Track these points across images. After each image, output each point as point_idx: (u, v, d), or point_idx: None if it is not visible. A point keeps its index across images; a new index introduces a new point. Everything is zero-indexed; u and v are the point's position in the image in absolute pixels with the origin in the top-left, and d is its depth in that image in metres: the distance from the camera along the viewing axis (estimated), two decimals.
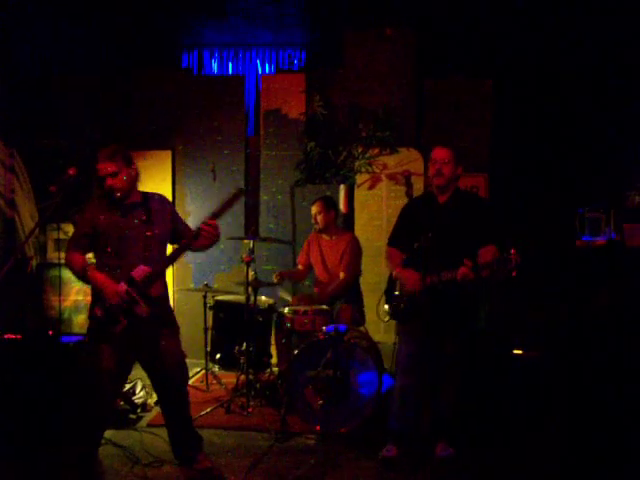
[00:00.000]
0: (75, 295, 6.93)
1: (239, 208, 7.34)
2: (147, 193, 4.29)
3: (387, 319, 4.82)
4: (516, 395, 5.04)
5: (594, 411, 4.84)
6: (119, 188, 4.08)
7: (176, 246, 4.28)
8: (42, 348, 4.78)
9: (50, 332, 5.02)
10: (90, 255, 4.24)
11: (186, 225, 4.44)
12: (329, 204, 6.13)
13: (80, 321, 6.83)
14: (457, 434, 4.57)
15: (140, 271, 4.00)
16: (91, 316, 4.09)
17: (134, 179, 4.18)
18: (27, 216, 6.75)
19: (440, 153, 4.52)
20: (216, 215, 4.07)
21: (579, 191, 6.40)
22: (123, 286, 3.96)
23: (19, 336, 4.75)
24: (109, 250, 4.09)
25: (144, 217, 4.14)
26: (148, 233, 4.11)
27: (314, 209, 6.12)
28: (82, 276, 4.13)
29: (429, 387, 4.52)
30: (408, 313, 4.48)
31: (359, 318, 5.85)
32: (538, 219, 6.52)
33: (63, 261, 4.21)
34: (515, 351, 5.22)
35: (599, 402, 4.88)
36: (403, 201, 4.74)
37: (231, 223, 7.27)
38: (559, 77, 6.71)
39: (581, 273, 5.78)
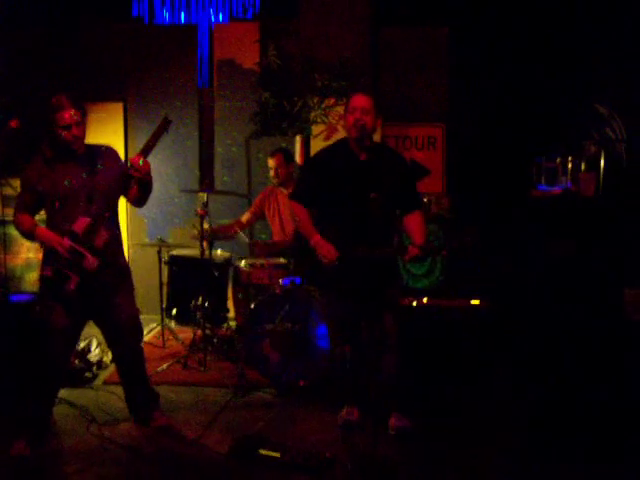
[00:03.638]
0: (26, 252, 6.77)
1: (193, 160, 7.23)
2: (92, 145, 4.14)
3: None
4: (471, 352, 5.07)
5: (547, 364, 4.91)
6: (81, 137, 3.97)
7: None
8: None
9: None
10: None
11: None
12: (288, 157, 6.05)
13: (32, 279, 6.68)
14: (409, 402, 4.43)
15: (81, 223, 3.89)
16: (41, 276, 3.97)
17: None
18: None
19: (360, 100, 4.10)
20: (145, 151, 3.96)
21: (536, 140, 6.38)
22: (67, 241, 3.86)
23: None
24: (56, 206, 3.97)
25: (88, 168, 4.00)
26: (91, 184, 3.97)
27: (273, 162, 6.01)
28: (30, 236, 4.02)
29: (368, 354, 4.30)
30: (326, 281, 4.30)
31: None
32: (495, 169, 6.51)
33: (10, 217, 4.07)
34: (472, 302, 5.24)
35: (553, 356, 4.94)
36: None
37: (185, 176, 7.17)
38: (517, 24, 6.63)
39: (536, 223, 5.79)
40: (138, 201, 4.18)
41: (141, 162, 3.91)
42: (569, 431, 4.17)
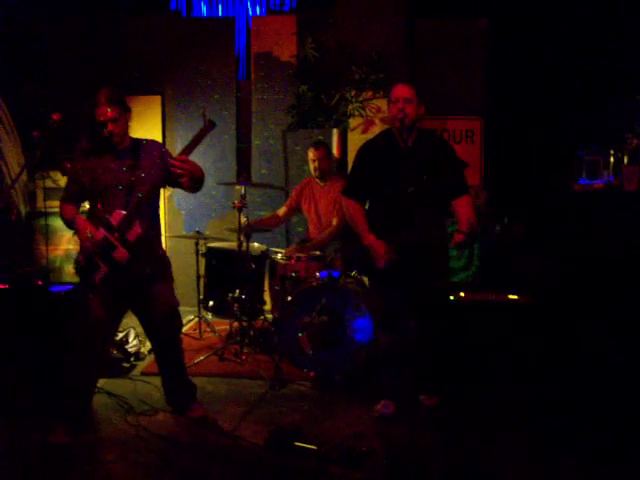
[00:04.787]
0: (66, 244, 6.84)
1: (230, 153, 7.25)
2: (138, 139, 4.20)
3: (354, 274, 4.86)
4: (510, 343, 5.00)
5: (584, 357, 4.82)
6: (118, 134, 4.01)
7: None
8: (31, 298, 4.71)
9: (39, 282, 4.94)
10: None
11: None
12: (330, 149, 6.02)
13: (71, 270, 6.73)
14: (440, 384, 4.50)
15: (116, 215, 3.94)
16: (75, 263, 4.09)
17: (128, 125, 4.12)
18: (14, 164, 6.59)
19: (402, 91, 4.16)
20: (188, 150, 3.99)
21: (577, 134, 6.29)
22: (101, 232, 3.91)
23: (6, 286, 4.68)
24: (97, 199, 4.06)
25: (130, 162, 4.05)
26: (132, 178, 4.02)
27: (316, 154, 5.92)
28: (71, 225, 4.11)
29: (411, 341, 4.37)
30: (378, 273, 4.29)
31: None
32: (535, 163, 6.43)
33: (52, 210, 4.14)
34: (510, 296, 5.17)
35: (590, 349, 4.85)
36: None
37: (222, 168, 7.19)
38: (555, 15, 6.53)
39: (578, 217, 5.70)
40: (190, 190, 4.21)
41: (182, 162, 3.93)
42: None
